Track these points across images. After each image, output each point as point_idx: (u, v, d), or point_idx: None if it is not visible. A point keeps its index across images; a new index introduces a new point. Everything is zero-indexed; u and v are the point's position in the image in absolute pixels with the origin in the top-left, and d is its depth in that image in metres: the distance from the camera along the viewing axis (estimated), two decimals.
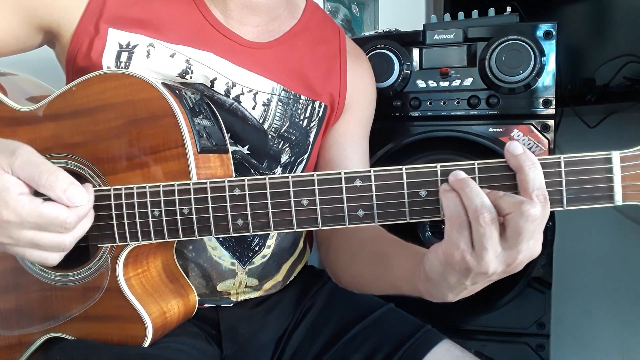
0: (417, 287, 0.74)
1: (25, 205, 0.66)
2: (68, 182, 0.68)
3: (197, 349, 0.90)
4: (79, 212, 0.70)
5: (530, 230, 0.61)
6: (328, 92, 1.02)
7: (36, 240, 0.68)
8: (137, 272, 0.82)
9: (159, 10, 0.91)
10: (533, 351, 1.35)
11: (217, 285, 0.96)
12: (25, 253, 0.70)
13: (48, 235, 0.68)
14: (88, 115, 0.79)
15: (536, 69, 1.24)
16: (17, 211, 0.66)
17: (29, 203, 0.66)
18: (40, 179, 0.67)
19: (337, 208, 0.70)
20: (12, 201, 0.66)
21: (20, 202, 0.66)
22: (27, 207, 0.66)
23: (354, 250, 0.95)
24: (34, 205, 0.66)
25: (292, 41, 1.01)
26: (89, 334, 0.82)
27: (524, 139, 1.28)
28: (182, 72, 0.90)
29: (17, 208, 0.66)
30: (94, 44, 0.88)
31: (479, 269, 0.63)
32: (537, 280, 1.31)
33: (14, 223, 0.66)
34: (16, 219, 0.66)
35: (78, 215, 0.69)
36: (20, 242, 0.68)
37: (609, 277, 1.93)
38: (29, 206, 0.66)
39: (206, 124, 0.82)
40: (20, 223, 0.66)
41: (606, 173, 0.63)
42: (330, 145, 1.06)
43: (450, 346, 0.92)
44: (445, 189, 0.65)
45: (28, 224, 0.67)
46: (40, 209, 0.66)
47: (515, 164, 0.64)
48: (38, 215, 0.66)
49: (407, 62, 1.34)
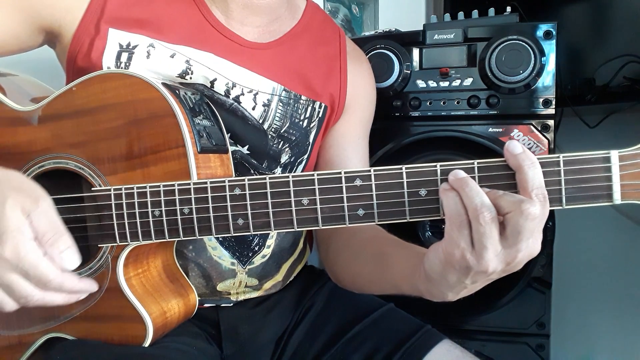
0: (417, 287, 0.75)
1: (29, 251, 0.67)
2: (67, 244, 0.71)
3: (197, 349, 0.90)
4: (65, 283, 0.71)
5: (529, 229, 0.61)
6: (328, 92, 1.02)
7: (14, 285, 0.69)
8: (137, 272, 0.82)
9: (160, 10, 0.91)
10: (533, 351, 1.35)
11: (217, 285, 0.96)
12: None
13: (25, 285, 0.69)
14: (88, 115, 0.80)
15: (536, 69, 1.24)
16: (19, 254, 0.67)
17: (34, 251, 0.68)
18: (47, 233, 0.69)
19: (337, 207, 0.70)
20: (21, 243, 0.67)
21: (27, 247, 0.67)
22: (30, 253, 0.67)
23: (353, 250, 0.95)
24: (36, 255, 0.68)
25: (292, 42, 1.01)
26: (89, 334, 0.82)
27: (524, 139, 1.28)
28: (182, 72, 0.90)
29: (21, 251, 0.67)
30: (95, 44, 0.88)
31: (478, 268, 0.63)
32: (537, 280, 1.31)
33: (9, 263, 0.67)
34: (14, 260, 0.67)
35: (63, 284, 0.71)
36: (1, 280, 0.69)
37: (609, 277, 1.93)
38: (32, 253, 0.68)
39: (206, 124, 0.82)
40: (14, 265, 0.68)
41: (605, 172, 0.63)
42: (330, 146, 1.06)
43: (450, 346, 0.93)
44: (445, 188, 0.65)
45: (20, 268, 0.68)
46: (38, 261, 0.68)
47: (514, 163, 0.64)
48: (35, 264, 0.68)
49: (407, 62, 1.34)
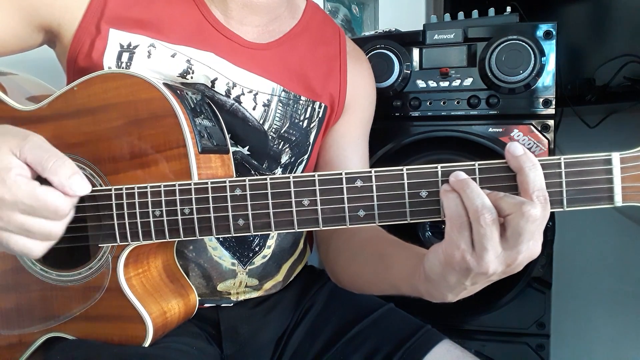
0: (417, 287, 0.75)
1: (22, 185, 0.66)
2: (73, 170, 0.68)
3: (198, 349, 0.90)
4: (73, 201, 0.70)
5: (530, 231, 0.61)
6: (328, 92, 1.02)
7: (27, 225, 0.67)
8: (137, 272, 0.82)
9: (160, 10, 0.91)
10: (533, 351, 1.35)
11: (218, 285, 0.96)
12: (11, 239, 0.68)
13: (39, 221, 0.68)
14: (89, 115, 0.80)
15: (536, 69, 1.24)
16: (12, 190, 0.65)
17: (26, 184, 0.66)
18: (47, 163, 0.67)
19: (338, 208, 0.70)
20: (9, 180, 0.65)
21: (18, 182, 0.66)
22: (23, 187, 0.66)
23: (353, 250, 0.95)
24: (30, 187, 0.66)
25: (292, 42, 1.01)
26: (89, 333, 0.82)
27: (524, 139, 1.29)
28: (183, 72, 0.90)
29: (13, 187, 0.65)
30: (95, 44, 0.88)
31: (479, 269, 0.63)
32: (537, 280, 1.31)
33: (7, 202, 0.66)
34: (10, 198, 0.66)
35: (72, 203, 0.69)
36: (10, 224, 0.67)
37: (609, 277, 1.93)
38: (25, 187, 0.66)
39: (207, 124, 0.82)
40: (14, 203, 0.66)
41: (606, 174, 0.63)
42: (330, 146, 1.06)
43: (450, 346, 0.93)
44: (446, 189, 0.65)
45: (22, 205, 0.66)
46: (36, 191, 0.66)
47: (515, 165, 0.64)
48: (33, 197, 0.66)
49: (407, 62, 1.34)
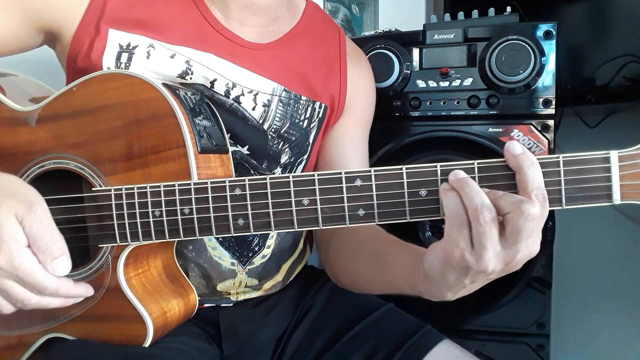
0: (416, 286, 0.75)
1: (24, 260, 0.69)
2: (60, 252, 0.71)
3: (198, 349, 0.90)
4: (60, 289, 0.73)
5: (529, 230, 0.61)
6: (328, 92, 1.02)
7: (11, 291, 0.71)
8: (137, 272, 0.82)
9: (160, 11, 0.91)
10: (533, 351, 1.35)
11: (217, 285, 0.96)
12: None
13: (22, 290, 0.71)
14: (89, 116, 0.80)
15: (536, 69, 1.24)
16: (14, 262, 0.68)
17: (28, 260, 0.69)
18: (41, 240, 0.70)
19: (338, 208, 0.70)
20: (15, 252, 0.68)
21: (21, 255, 0.69)
22: (24, 262, 0.69)
23: (353, 250, 0.95)
24: (31, 263, 0.69)
25: (292, 42, 1.01)
26: (89, 334, 0.82)
27: (524, 139, 1.29)
28: (182, 72, 0.90)
29: (15, 259, 0.68)
30: (95, 44, 0.88)
31: (478, 268, 0.63)
32: (537, 280, 1.31)
33: (4, 270, 0.69)
34: (8, 268, 0.69)
35: (58, 290, 0.72)
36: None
37: (609, 277, 1.93)
38: (26, 262, 0.69)
39: (206, 124, 0.82)
40: (9, 273, 0.69)
41: (604, 172, 0.64)
42: (330, 146, 1.06)
43: (450, 346, 0.93)
44: (445, 188, 0.65)
45: (15, 276, 0.69)
46: (34, 269, 0.69)
47: (514, 163, 0.64)
48: (30, 273, 0.69)
49: (407, 62, 1.34)
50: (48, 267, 0.70)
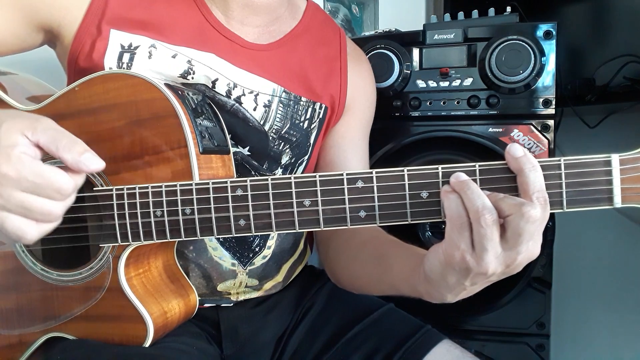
0: (417, 288, 0.75)
1: (27, 162, 0.64)
2: (84, 148, 0.67)
3: (198, 349, 0.90)
4: (77, 182, 0.68)
5: (530, 232, 0.61)
6: (329, 93, 1.02)
7: (27, 203, 0.65)
8: (138, 272, 0.83)
9: (161, 11, 0.91)
10: (533, 351, 1.35)
11: (218, 286, 0.96)
12: (8, 219, 0.66)
13: (40, 200, 0.66)
14: (90, 116, 0.80)
15: (536, 69, 1.24)
16: (17, 167, 0.64)
17: (31, 162, 0.65)
18: (60, 141, 0.65)
19: (339, 209, 0.70)
20: (14, 157, 0.64)
21: (23, 159, 0.64)
22: (27, 164, 0.64)
23: (353, 251, 0.95)
24: (35, 164, 0.65)
25: (292, 43, 1.01)
26: (89, 333, 0.82)
27: (524, 139, 1.29)
28: (183, 72, 0.90)
29: (17, 164, 0.64)
30: (96, 45, 0.88)
31: (478, 270, 0.64)
32: (537, 280, 1.31)
33: (10, 179, 0.64)
34: (14, 175, 0.64)
35: (76, 184, 0.68)
36: (10, 202, 0.65)
37: (609, 277, 1.94)
38: (30, 164, 0.64)
39: (208, 125, 0.83)
40: (17, 180, 0.64)
41: (606, 175, 0.64)
42: (331, 147, 1.06)
43: (450, 346, 0.93)
44: (446, 190, 0.66)
45: (25, 182, 0.64)
46: (41, 168, 0.65)
47: (515, 166, 0.64)
48: (38, 174, 0.64)
49: (407, 62, 1.34)
50: (80, 164, 0.65)
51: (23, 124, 0.66)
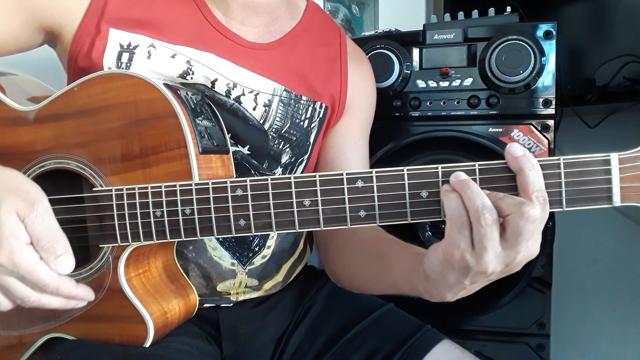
0: (416, 287, 0.75)
1: (25, 257, 0.68)
2: (64, 249, 0.71)
3: (198, 349, 0.90)
4: (61, 287, 0.72)
5: (529, 231, 0.61)
6: (329, 93, 1.02)
7: (11, 287, 0.70)
8: (138, 272, 0.82)
9: (160, 10, 0.91)
10: (533, 351, 1.35)
11: (217, 286, 0.96)
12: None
13: (22, 287, 0.70)
14: (90, 116, 0.80)
15: (536, 69, 1.24)
16: (15, 259, 0.68)
17: (29, 257, 0.69)
18: (43, 239, 0.70)
19: (339, 209, 0.70)
20: (16, 249, 0.68)
21: (22, 253, 0.68)
22: (25, 259, 0.68)
23: (353, 250, 0.95)
24: (32, 261, 0.69)
25: (293, 42, 1.01)
26: (89, 334, 0.82)
27: (524, 139, 1.29)
28: (183, 72, 0.90)
29: (16, 257, 0.68)
30: (95, 44, 0.88)
31: (478, 269, 0.64)
32: (537, 280, 1.31)
33: (4, 268, 0.68)
34: (9, 265, 0.68)
35: (59, 288, 0.72)
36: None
37: (608, 277, 1.93)
38: (27, 259, 0.68)
39: (207, 125, 0.82)
40: (9, 270, 0.68)
41: (605, 174, 0.64)
42: (331, 147, 1.06)
43: (450, 346, 0.93)
44: (446, 189, 0.66)
45: (16, 273, 0.69)
46: (35, 266, 0.69)
47: (515, 165, 0.64)
48: (31, 270, 0.68)
49: (407, 62, 1.34)
50: (52, 265, 0.70)
51: (19, 206, 0.69)
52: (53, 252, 0.70)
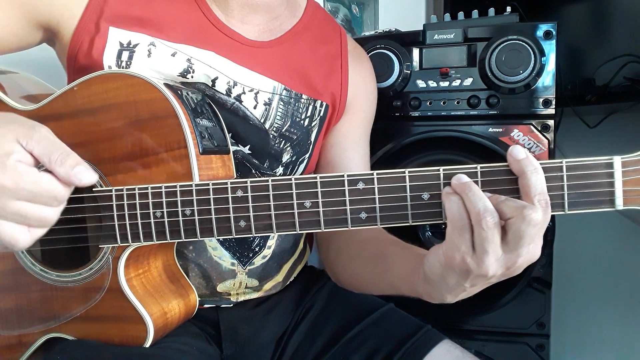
0: (416, 288, 0.75)
1: (23, 172, 0.64)
2: (77, 161, 0.67)
3: (198, 349, 0.90)
4: (71, 188, 0.68)
5: (531, 235, 0.61)
6: (329, 91, 1.02)
7: (23, 211, 0.65)
8: (138, 272, 0.82)
9: (160, 9, 0.91)
10: (533, 351, 1.35)
11: (217, 286, 0.96)
12: (1, 227, 0.66)
13: (37, 208, 0.66)
14: (89, 116, 0.79)
15: (536, 69, 1.24)
16: (13, 177, 0.64)
17: (27, 170, 0.64)
18: (53, 154, 0.66)
19: (340, 210, 0.70)
20: (10, 166, 0.64)
21: (19, 169, 0.64)
22: (24, 174, 0.64)
23: (353, 250, 0.95)
24: (31, 173, 0.65)
25: (293, 40, 1.01)
26: (89, 334, 0.82)
27: (524, 139, 1.28)
28: (183, 71, 0.90)
29: (14, 174, 0.64)
30: (95, 42, 0.87)
31: (478, 272, 0.64)
32: (537, 280, 1.31)
33: (7, 189, 0.64)
34: (11, 185, 0.64)
35: (70, 189, 0.68)
36: (6, 210, 0.65)
37: (609, 277, 1.94)
38: (26, 173, 0.64)
39: (208, 125, 0.82)
40: (14, 190, 0.64)
41: (607, 178, 0.64)
42: (332, 146, 1.06)
43: (450, 346, 0.93)
44: (448, 192, 0.66)
45: (22, 191, 0.64)
46: (37, 177, 0.65)
47: (517, 168, 0.64)
48: (34, 182, 0.65)
49: (407, 62, 1.33)
50: (72, 178, 0.66)
51: (18, 131, 0.65)
52: (69, 164, 0.66)
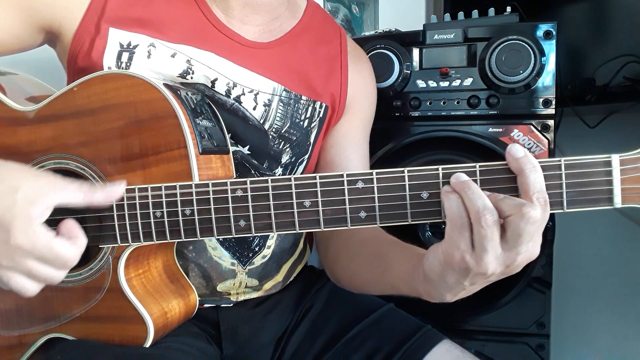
0: (416, 288, 0.75)
1: (41, 236, 0.68)
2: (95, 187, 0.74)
3: (198, 349, 0.90)
4: (81, 252, 0.72)
5: (530, 233, 0.61)
6: (329, 92, 1.02)
7: (34, 270, 0.70)
8: (138, 272, 0.82)
9: (160, 9, 0.91)
10: (533, 351, 1.35)
11: (217, 286, 0.96)
12: (13, 279, 0.70)
13: (46, 269, 0.70)
14: (89, 116, 0.80)
15: (536, 69, 1.24)
16: (32, 240, 0.67)
17: (45, 235, 0.68)
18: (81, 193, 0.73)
19: (339, 210, 0.70)
20: (31, 230, 0.67)
21: (37, 232, 0.68)
22: (42, 238, 0.68)
23: (353, 250, 0.95)
24: (48, 238, 0.68)
25: (293, 41, 1.01)
26: (89, 334, 0.82)
27: (524, 139, 1.29)
28: (183, 72, 0.90)
29: (33, 237, 0.67)
30: (95, 43, 0.88)
31: (478, 270, 0.64)
32: (537, 280, 1.31)
33: (24, 250, 0.68)
34: (29, 247, 0.68)
35: (80, 254, 0.72)
36: (18, 267, 0.69)
37: (609, 277, 1.93)
38: (43, 237, 0.68)
39: (207, 125, 0.82)
40: (29, 251, 0.68)
41: (606, 176, 0.64)
42: (331, 146, 1.06)
43: (450, 346, 0.93)
44: (447, 190, 0.66)
45: (37, 253, 0.68)
46: (52, 243, 0.69)
47: (516, 167, 0.64)
48: (49, 248, 0.68)
49: (407, 62, 1.33)
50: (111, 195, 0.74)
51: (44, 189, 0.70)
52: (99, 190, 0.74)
